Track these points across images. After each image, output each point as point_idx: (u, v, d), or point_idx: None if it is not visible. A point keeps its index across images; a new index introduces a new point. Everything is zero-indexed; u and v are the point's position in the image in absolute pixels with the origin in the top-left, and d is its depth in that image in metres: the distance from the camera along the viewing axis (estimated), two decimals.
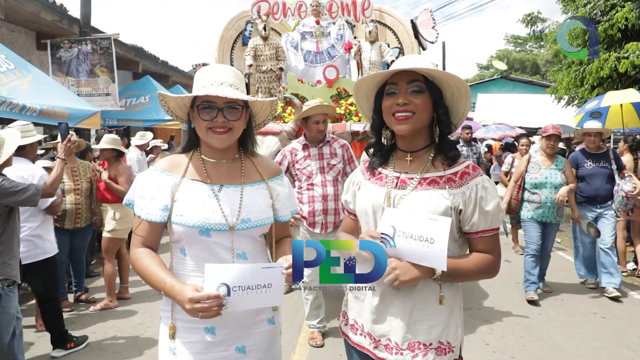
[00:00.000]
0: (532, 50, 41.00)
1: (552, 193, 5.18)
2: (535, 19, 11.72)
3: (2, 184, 3.00)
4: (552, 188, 5.20)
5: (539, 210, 5.26)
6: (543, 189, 5.24)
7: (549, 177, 5.24)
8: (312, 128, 4.04)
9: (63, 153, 3.75)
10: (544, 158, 5.37)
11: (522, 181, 5.39)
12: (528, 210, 5.36)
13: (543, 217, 5.28)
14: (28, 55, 8.88)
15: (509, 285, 5.80)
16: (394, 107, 1.66)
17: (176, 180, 1.73)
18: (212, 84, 1.69)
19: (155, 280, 1.63)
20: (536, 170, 5.33)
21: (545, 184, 5.24)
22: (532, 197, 5.31)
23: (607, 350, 4.10)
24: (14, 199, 3.05)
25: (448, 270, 1.56)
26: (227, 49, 7.63)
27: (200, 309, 1.47)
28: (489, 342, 4.24)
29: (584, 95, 10.14)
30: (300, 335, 4.33)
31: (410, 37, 7.40)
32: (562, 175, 5.23)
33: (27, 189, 3.13)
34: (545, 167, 5.30)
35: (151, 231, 1.73)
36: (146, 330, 4.52)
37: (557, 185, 5.20)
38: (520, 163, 5.60)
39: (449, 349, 1.66)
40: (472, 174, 1.68)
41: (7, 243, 3.03)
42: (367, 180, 1.82)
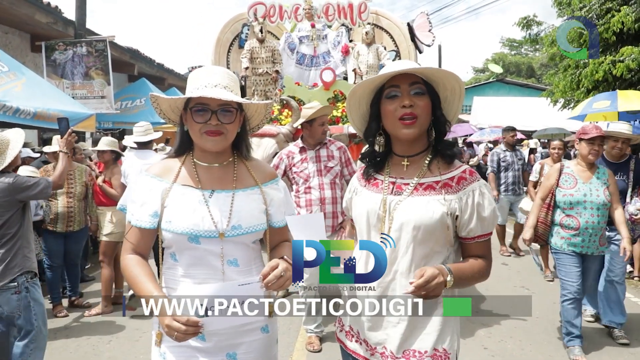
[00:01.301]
0: (528, 53, 41.19)
1: (595, 216, 3.90)
2: (531, 22, 11.74)
3: (16, 180, 3.20)
4: (593, 209, 3.91)
5: (577, 238, 3.95)
6: (581, 210, 3.94)
7: (589, 195, 3.93)
8: (318, 130, 4.02)
9: (65, 147, 3.87)
10: (582, 168, 4.05)
11: (553, 198, 4.10)
12: (561, 238, 4.03)
13: (583, 247, 3.96)
14: (22, 57, 8.83)
15: (508, 288, 5.78)
16: (399, 110, 1.62)
17: (167, 186, 1.69)
18: (206, 86, 1.65)
19: (142, 291, 1.60)
20: (571, 184, 4.02)
21: (583, 203, 3.93)
22: (567, 221, 4.00)
23: (606, 354, 4.08)
24: (28, 193, 3.25)
25: (456, 279, 1.55)
26: (223, 52, 7.62)
27: (176, 329, 1.46)
28: (487, 346, 4.21)
29: (579, 98, 10.15)
30: (297, 340, 4.30)
31: (406, 40, 7.41)
32: (605, 191, 3.93)
33: (38, 182, 3.32)
34: (583, 180, 4.00)
35: (142, 237, 1.70)
36: (141, 335, 4.47)
37: (600, 205, 3.90)
38: (549, 174, 4.24)
39: (445, 356, 1.64)
40: (469, 179, 1.65)
41: (25, 237, 3.24)
42: (363, 187, 1.79)
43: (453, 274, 1.56)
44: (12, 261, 3.09)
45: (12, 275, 3.07)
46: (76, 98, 8.67)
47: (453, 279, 1.55)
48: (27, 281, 3.13)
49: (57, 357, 4.10)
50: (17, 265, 3.10)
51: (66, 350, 4.23)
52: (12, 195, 3.15)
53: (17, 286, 3.07)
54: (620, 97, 7.25)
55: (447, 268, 1.57)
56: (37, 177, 3.47)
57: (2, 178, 3.14)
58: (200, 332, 1.51)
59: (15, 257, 3.11)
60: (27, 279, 3.13)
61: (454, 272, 1.56)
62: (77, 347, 4.29)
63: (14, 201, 3.18)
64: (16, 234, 3.17)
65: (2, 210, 3.11)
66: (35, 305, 3.16)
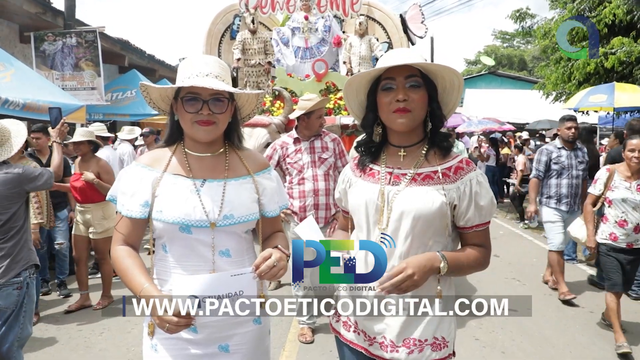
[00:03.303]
0: (520, 46, 41.28)
1: None
2: (524, 14, 11.79)
3: (25, 170, 3.16)
4: None
5: None
6: None
7: None
8: (315, 123, 4.01)
9: (58, 137, 3.91)
10: None
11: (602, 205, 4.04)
12: None
13: None
14: (11, 48, 8.71)
15: (499, 279, 5.81)
16: (393, 103, 1.62)
17: (157, 175, 1.67)
18: (197, 75, 1.62)
19: (133, 283, 1.58)
20: None
21: None
22: None
23: (596, 345, 4.12)
24: (35, 184, 3.22)
25: (451, 266, 1.57)
26: (214, 43, 7.57)
27: (168, 322, 1.46)
28: (478, 337, 4.23)
29: (571, 90, 10.21)
30: (289, 332, 4.30)
31: (399, 32, 7.39)
32: None
33: (42, 173, 3.28)
34: None
35: (132, 228, 1.68)
36: (133, 327, 4.45)
37: None
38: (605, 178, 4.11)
39: (443, 344, 1.65)
40: (466, 169, 1.66)
41: (28, 230, 3.23)
42: (359, 178, 1.78)
43: (447, 260, 1.57)
44: (18, 254, 3.03)
45: (18, 270, 2.99)
46: (66, 89, 8.59)
47: (447, 265, 1.56)
48: (29, 277, 3.08)
49: (49, 349, 4.08)
50: (23, 259, 3.05)
51: (58, 342, 4.21)
52: (21, 185, 3.11)
53: (20, 282, 2.99)
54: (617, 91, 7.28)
55: (441, 255, 1.57)
56: (40, 168, 3.40)
57: (11, 169, 3.08)
58: (192, 324, 1.50)
59: (22, 251, 3.06)
60: (29, 274, 3.08)
61: (449, 259, 1.58)
62: (68, 339, 4.27)
63: (22, 192, 3.15)
64: (22, 227, 3.13)
65: (10, 203, 3.05)
66: (28, 302, 3.07)
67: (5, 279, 2.92)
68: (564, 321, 4.61)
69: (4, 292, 2.91)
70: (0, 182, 2.98)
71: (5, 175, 3.01)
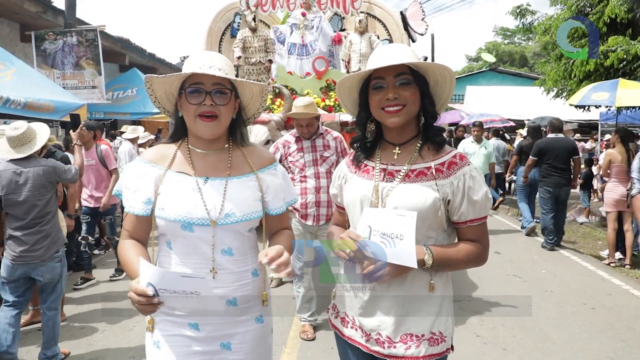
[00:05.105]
0: (521, 42, 41.23)
1: None
2: (525, 11, 11.75)
3: (57, 163, 3.74)
4: None
5: None
6: None
7: None
8: (299, 130, 4.01)
9: (77, 139, 4.37)
10: None
11: None
12: None
13: None
14: (12, 47, 8.73)
15: (500, 276, 5.81)
16: (383, 102, 1.63)
17: (161, 172, 1.67)
18: (201, 67, 1.63)
19: (131, 272, 1.58)
20: None
21: None
22: None
23: (597, 341, 4.12)
24: (66, 176, 3.78)
25: (437, 259, 1.58)
26: (215, 42, 7.57)
27: (134, 300, 1.44)
28: (479, 333, 4.24)
29: (572, 87, 10.19)
30: (291, 329, 4.31)
31: (399, 29, 7.39)
32: None
33: (70, 169, 3.85)
34: None
35: (137, 224, 1.68)
36: (135, 324, 4.47)
37: None
38: None
39: (441, 339, 1.66)
40: (460, 164, 1.66)
41: (57, 213, 3.79)
42: (354, 174, 1.79)
43: (433, 254, 1.57)
44: (57, 234, 3.67)
45: (58, 246, 3.67)
46: (67, 88, 8.60)
47: (432, 258, 1.57)
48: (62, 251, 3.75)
49: None
50: (60, 238, 3.74)
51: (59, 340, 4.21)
52: (55, 176, 3.68)
53: (60, 256, 3.68)
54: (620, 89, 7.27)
55: (427, 247, 1.58)
56: (68, 165, 3.97)
57: (46, 161, 3.67)
58: (158, 307, 1.47)
59: (59, 231, 3.72)
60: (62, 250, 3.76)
61: (435, 253, 1.57)
62: (70, 335, 4.28)
63: (54, 182, 3.70)
64: (56, 212, 3.73)
65: (47, 190, 3.62)
66: (65, 270, 3.80)
67: (49, 254, 3.58)
68: (564, 317, 4.61)
69: (50, 266, 3.59)
70: (41, 173, 3.58)
71: (44, 168, 3.61)
